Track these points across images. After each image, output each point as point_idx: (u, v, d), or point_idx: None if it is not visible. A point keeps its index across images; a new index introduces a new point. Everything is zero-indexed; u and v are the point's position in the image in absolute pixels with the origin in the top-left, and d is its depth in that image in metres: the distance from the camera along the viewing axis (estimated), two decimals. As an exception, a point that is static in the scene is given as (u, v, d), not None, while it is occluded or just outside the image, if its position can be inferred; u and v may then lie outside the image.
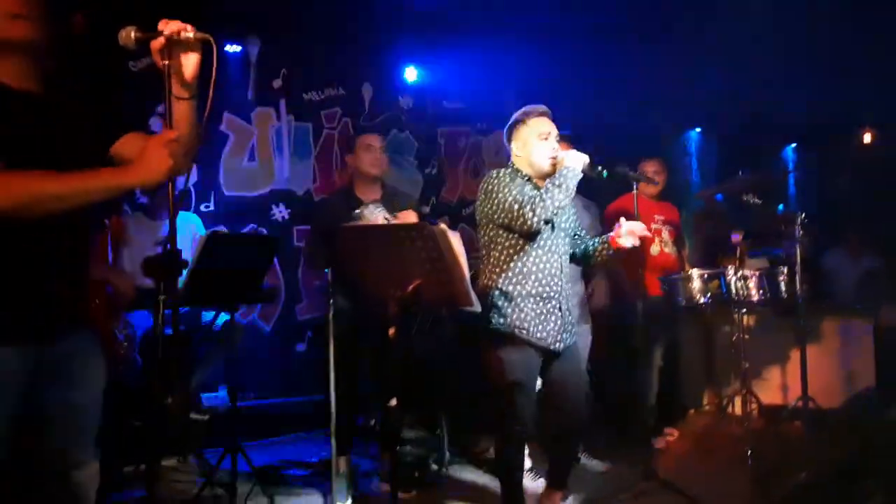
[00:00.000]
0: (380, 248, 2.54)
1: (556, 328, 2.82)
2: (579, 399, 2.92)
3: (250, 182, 4.96)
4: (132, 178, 1.71)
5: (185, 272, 3.00)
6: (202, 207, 4.69)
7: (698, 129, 7.63)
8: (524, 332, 2.77)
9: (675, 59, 5.67)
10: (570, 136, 3.67)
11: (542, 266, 2.82)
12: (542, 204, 2.68)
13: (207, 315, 3.77)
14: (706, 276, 3.97)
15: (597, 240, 3.02)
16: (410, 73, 5.75)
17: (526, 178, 2.88)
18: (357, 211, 3.33)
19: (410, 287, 2.49)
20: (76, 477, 1.81)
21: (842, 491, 2.96)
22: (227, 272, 2.99)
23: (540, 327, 2.79)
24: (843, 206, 6.88)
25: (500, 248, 2.84)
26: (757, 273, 4.03)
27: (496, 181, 2.82)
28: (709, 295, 3.95)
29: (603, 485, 3.57)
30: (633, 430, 4.04)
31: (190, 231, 3.92)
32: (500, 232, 2.83)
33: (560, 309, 2.85)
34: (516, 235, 2.80)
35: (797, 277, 3.94)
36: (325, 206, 3.70)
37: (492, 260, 2.87)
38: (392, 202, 3.64)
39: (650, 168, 4.31)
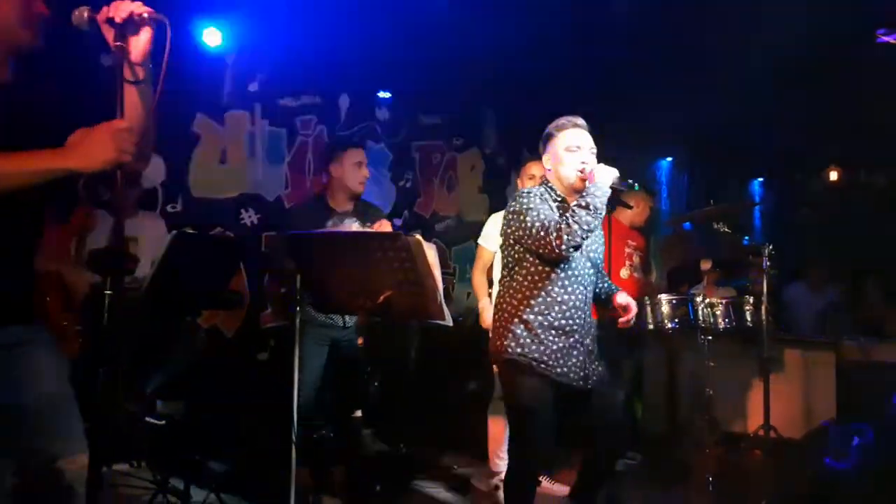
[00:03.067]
0: (352, 256, 2.50)
1: (579, 364, 2.63)
2: (614, 442, 2.76)
3: (220, 185, 4.86)
4: (70, 161, 1.62)
5: (150, 272, 2.94)
6: (168, 208, 4.58)
7: (670, 159, 7.77)
8: (543, 366, 2.58)
9: (652, 93, 5.77)
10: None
11: (566, 297, 2.62)
12: (568, 229, 2.46)
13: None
14: (674, 301, 4.01)
15: (604, 291, 2.86)
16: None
17: (560, 198, 2.69)
18: (331, 222, 3.28)
19: (381, 298, 2.45)
20: (65, 469, 1.76)
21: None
22: (192, 274, 2.91)
23: (560, 362, 2.59)
24: (806, 241, 7.02)
25: (524, 272, 2.64)
26: (724, 301, 4.08)
27: (525, 201, 2.61)
28: (676, 320, 3.99)
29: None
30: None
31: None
32: (527, 255, 2.63)
33: (582, 344, 2.65)
34: (542, 261, 2.61)
35: (763, 308, 3.99)
36: (298, 213, 3.63)
37: (514, 284, 2.67)
38: (364, 215, 3.61)
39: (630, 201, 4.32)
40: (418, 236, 2.39)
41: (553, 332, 2.60)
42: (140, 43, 1.65)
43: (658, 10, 4.98)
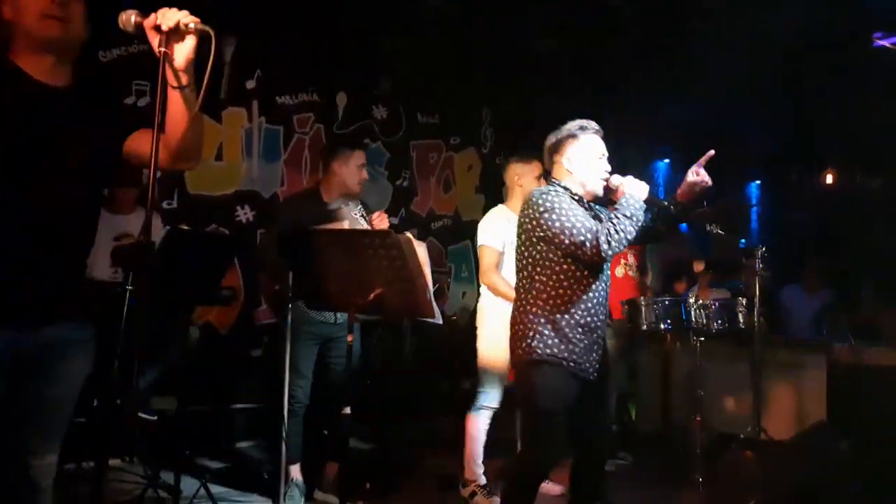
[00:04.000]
0: (343, 253, 2.51)
1: (597, 359, 2.66)
2: (606, 434, 2.83)
3: (216, 181, 4.88)
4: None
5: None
6: (164, 204, 4.59)
7: (667, 161, 7.79)
8: (573, 364, 2.59)
9: (649, 94, 5.79)
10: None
11: (591, 294, 2.63)
12: (616, 237, 2.48)
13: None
14: (668, 302, 4.03)
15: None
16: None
17: (577, 197, 2.69)
18: (336, 207, 3.28)
19: (372, 295, 2.46)
20: (33, 465, 1.78)
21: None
22: (186, 270, 2.92)
23: (584, 358, 2.62)
24: (802, 243, 7.04)
25: (548, 271, 2.62)
26: (717, 303, 4.10)
27: (554, 200, 2.58)
28: (669, 321, 4.00)
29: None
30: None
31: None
32: (552, 256, 2.61)
33: (602, 339, 2.69)
34: (572, 261, 2.59)
35: (755, 309, 4.00)
36: (290, 205, 3.63)
37: (536, 283, 2.64)
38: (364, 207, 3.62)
39: None
40: (409, 234, 2.41)
41: (580, 329, 2.61)
42: (184, 50, 1.67)
43: (655, 11, 5.00)
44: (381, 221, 3.34)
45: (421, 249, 2.39)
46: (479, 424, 3.67)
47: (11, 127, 1.69)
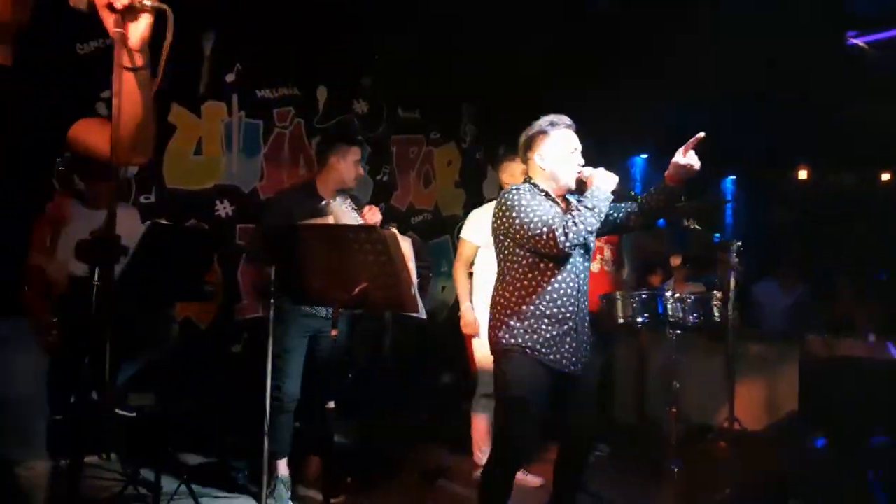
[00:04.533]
0: (328, 248, 2.52)
1: (571, 350, 2.70)
2: (589, 428, 2.87)
3: (195, 176, 4.84)
4: None
5: (124, 262, 2.94)
6: (142, 199, 4.55)
7: (644, 156, 7.88)
8: (535, 353, 2.65)
9: (627, 90, 5.84)
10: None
11: (559, 286, 2.67)
12: (574, 228, 2.54)
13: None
14: (645, 296, 4.08)
15: (642, 195, 2.83)
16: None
17: (544, 193, 2.75)
18: (324, 202, 3.28)
19: (357, 290, 2.48)
20: (20, 475, 1.73)
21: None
22: (168, 266, 2.91)
23: (554, 349, 2.66)
24: (777, 238, 7.17)
25: (517, 265, 2.70)
26: (693, 297, 4.16)
27: (517, 197, 2.65)
28: (646, 315, 4.06)
29: (536, 499, 3.60)
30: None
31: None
32: (518, 250, 2.69)
33: (576, 331, 2.71)
34: (535, 254, 2.66)
35: (730, 304, 4.08)
36: (285, 198, 3.61)
37: (507, 277, 2.72)
38: (355, 200, 3.63)
39: None
40: (394, 229, 2.43)
41: (546, 320, 2.66)
42: (139, 30, 1.59)
43: (633, 8, 5.05)
44: (374, 215, 3.35)
45: (405, 244, 2.41)
46: (478, 415, 3.77)
47: None
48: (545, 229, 2.56)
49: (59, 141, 1.80)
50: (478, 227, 3.82)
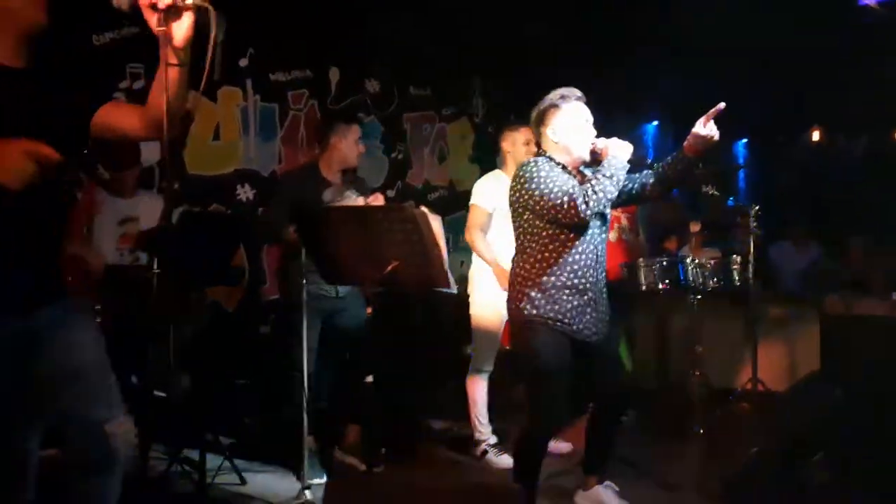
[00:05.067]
0: (359, 229, 2.58)
1: (592, 320, 2.76)
2: (616, 395, 2.93)
3: (214, 161, 4.90)
4: None
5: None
6: (165, 186, 4.62)
7: (655, 123, 7.87)
8: (560, 324, 2.70)
9: (635, 56, 5.83)
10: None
11: (578, 257, 2.71)
12: (594, 196, 2.56)
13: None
14: (665, 262, 4.13)
15: (659, 164, 2.84)
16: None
17: (560, 166, 2.76)
18: (329, 193, 3.35)
19: (388, 269, 2.55)
20: (111, 432, 1.88)
21: (789, 466, 3.14)
22: (200, 251, 2.98)
23: (576, 320, 2.71)
24: (789, 200, 7.17)
25: (536, 237, 2.73)
26: (712, 262, 4.21)
27: (535, 169, 2.67)
28: (667, 281, 4.11)
29: (565, 462, 3.70)
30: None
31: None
32: (538, 222, 2.71)
33: (595, 301, 2.77)
34: (555, 226, 2.69)
35: (749, 267, 4.13)
36: (291, 180, 3.69)
37: (527, 249, 2.76)
38: (360, 186, 3.70)
39: None
40: (424, 208, 2.48)
41: (567, 291, 2.70)
42: (182, 28, 1.66)
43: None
44: (376, 201, 3.41)
45: (436, 223, 2.47)
46: (476, 387, 3.82)
47: None
48: (566, 198, 2.58)
49: (83, 134, 1.88)
50: (487, 193, 3.81)
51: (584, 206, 2.55)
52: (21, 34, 1.77)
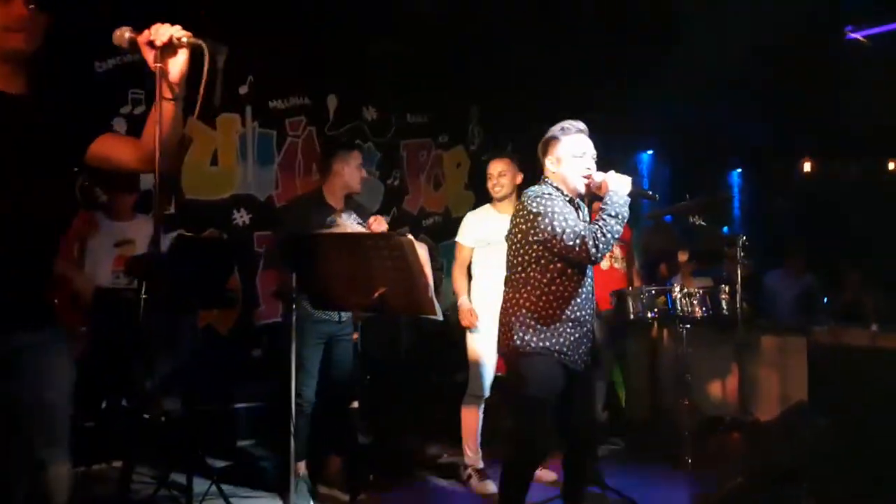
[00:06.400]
0: (347, 255, 2.63)
1: (585, 351, 2.82)
2: (592, 418, 3.02)
3: (212, 186, 4.97)
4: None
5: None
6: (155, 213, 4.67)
7: (650, 152, 7.96)
8: (563, 356, 2.75)
9: (632, 88, 5.93)
10: (510, 156, 3.89)
11: (580, 290, 2.78)
12: (603, 239, 2.61)
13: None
14: (654, 292, 4.17)
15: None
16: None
17: (567, 198, 2.81)
18: (331, 218, 3.39)
19: (375, 294, 2.59)
20: (46, 477, 1.82)
21: (776, 494, 3.15)
22: (193, 275, 3.03)
23: (574, 350, 2.78)
24: (783, 229, 7.23)
25: (542, 269, 2.76)
26: (701, 291, 4.25)
27: (545, 204, 2.71)
28: (656, 310, 4.14)
29: (550, 490, 3.70)
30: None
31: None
32: (545, 254, 2.75)
33: (589, 333, 2.84)
34: (565, 262, 2.73)
35: (738, 296, 4.16)
36: (296, 208, 3.72)
37: (530, 280, 2.78)
38: (359, 210, 3.74)
39: None
40: (410, 236, 2.53)
41: (570, 324, 2.76)
42: (178, 63, 1.73)
43: (636, 3, 5.13)
44: (379, 225, 3.44)
45: (422, 250, 2.51)
46: (470, 414, 3.86)
47: None
48: (578, 241, 2.62)
49: (81, 159, 1.91)
50: (471, 230, 3.97)
51: (594, 250, 2.62)
52: (7, 62, 1.80)
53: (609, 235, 2.63)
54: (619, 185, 2.71)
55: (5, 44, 1.76)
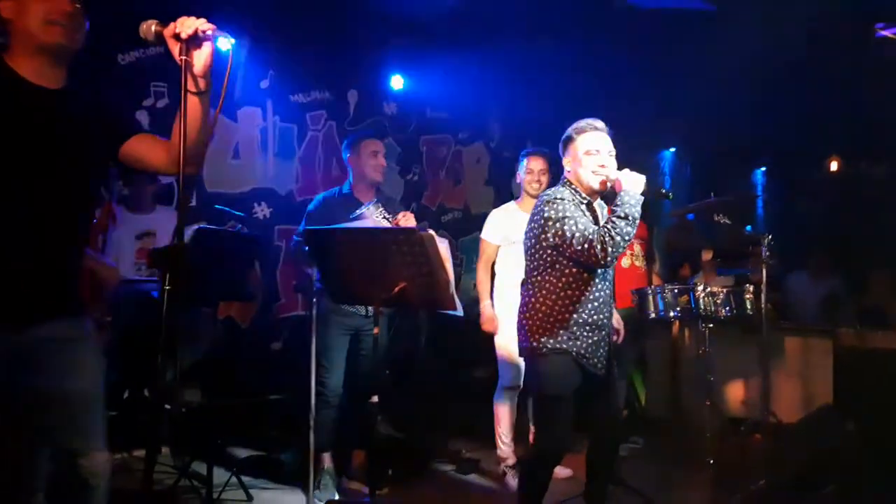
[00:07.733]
0: (368, 250, 2.62)
1: (604, 355, 2.81)
2: (617, 425, 3.00)
3: (233, 180, 4.99)
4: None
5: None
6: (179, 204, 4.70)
7: (673, 150, 7.86)
8: (582, 359, 2.75)
9: (654, 85, 5.86)
10: (549, 154, 3.85)
11: (597, 294, 2.77)
12: (611, 241, 2.57)
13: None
14: (676, 290, 4.11)
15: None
16: (396, 82, 5.83)
17: (586, 200, 2.80)
18: (359, 211, 3.38)
19: (396, 289, 2.58)
20: (81, 464, 1.84)
21: (799, 498, 3.10)
22: (215, 268, 3.04)
23: (592, 353, 2.77)
24: (808, 230, 7.11)
25: (557, 273, 2.75)
26: (724, 290, 4.18)
27: (557, 209, 2.69)
28: (678, 309, 4.09)
29: (571, 490, 3.67)
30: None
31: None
32: (561, 259, 2.73)
33: (608, 335, 2.84)
34: (580, 265, 2.72)
35: (762, 296, 4.10)
36: (324, 203, 3.68)
37: (547, 284, 2.76)
38: (387, 204, 3.72)
39: None
40: (431, 231, 2.52)
41: (588, 328, 2.75)
42: (202, 56, 1.74)
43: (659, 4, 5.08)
44: (408, 220, 3.35)
45: (442, 245, 2.50)
46: (501, 406, 3.86)
47: (5, 128, 1.74)
48: (586, 245, 2.60)
49: (113, 153, 1.93)
50: (496, 227, 3.94)
51: (602, 254, 2.57)
52: (47, 56, 1.82)
53: (619, 238, 2.57)
54: (632, 184, 2.65)
55: (46, 37, 1.78)
